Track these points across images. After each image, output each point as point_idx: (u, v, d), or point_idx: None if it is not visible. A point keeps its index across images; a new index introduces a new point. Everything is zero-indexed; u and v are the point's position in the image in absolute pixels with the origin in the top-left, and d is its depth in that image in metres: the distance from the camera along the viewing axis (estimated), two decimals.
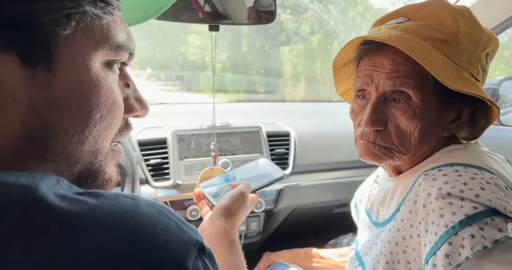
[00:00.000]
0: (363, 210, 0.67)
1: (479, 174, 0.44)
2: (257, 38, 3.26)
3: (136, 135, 1.01)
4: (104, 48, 0.28)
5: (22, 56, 0.24)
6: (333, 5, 1.84)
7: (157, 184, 0.97)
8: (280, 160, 1.12)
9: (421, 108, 0.49)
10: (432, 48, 0.47)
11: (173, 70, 3.08)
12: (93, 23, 0.28)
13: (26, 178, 0.23)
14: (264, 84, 2.89)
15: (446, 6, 0.49)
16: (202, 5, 0.80)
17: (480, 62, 0.50)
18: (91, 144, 0.29)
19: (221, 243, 0.50)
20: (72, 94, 0.27)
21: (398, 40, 0.46)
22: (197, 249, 0.25)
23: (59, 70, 0.26)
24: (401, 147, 0.51)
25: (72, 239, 0.21)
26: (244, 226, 1.10)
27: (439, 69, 0.45)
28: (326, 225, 1.39)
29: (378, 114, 0.51)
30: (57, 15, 0.25)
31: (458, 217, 0.41)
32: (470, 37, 0.49)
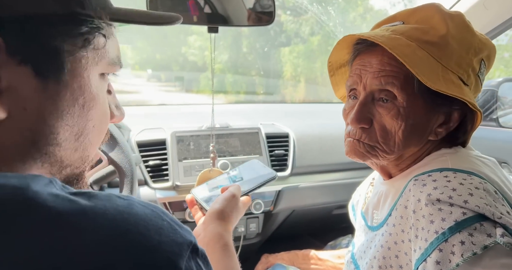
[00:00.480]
0: (359, 213, 0.67)
1: (468, 179, 0.45)
2: (257, 39, 3.26)
3: (135, 136, 1.01)
4: (103, 63, 0.31)
5: (37, 69, 0.26)
6: (333, 7, 1.84)
7: (156, 185, 0.97)
8: (279, 161, 1.12)
9: (405, 108, 0.49)
10: (418, 49, 0.48)
11: (173, 71, 3.08)
12: (99, 40, 0.30)
13: (17, 179, 0.23)
14: (264, 85, 2.89)
15: (438, 10, 0.50)
16: (202, 7, 0.81)
17: (471, 67, 0.50)
18: (83, 151, 0.32)
19: (216, 247, 0.50)
20: (75, 105, 0.29)
21: (384, 39, 0.47)
22: (190, 250, 0.25)
23: (68, 83, 0.28)
24: (385, 145, 0.52)
25: (63, 240, 0.21)
26: (243, 227, 1.10)
27: (421, 68, 0.45)
28: (325, 226, 1.39)
29: (364, 113, 0.52)
30: (77, 39, 0.28)
31: (448, 223, 0.41)
32: (460, 41, 0.49)
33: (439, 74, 0.47)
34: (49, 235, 0.21)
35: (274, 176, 0.68)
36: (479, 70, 0.51)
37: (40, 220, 0.21)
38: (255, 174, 0.68)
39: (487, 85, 1.19)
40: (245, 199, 0.62)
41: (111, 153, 0.70)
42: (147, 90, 2.92)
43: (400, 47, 0.46)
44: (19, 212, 0.21)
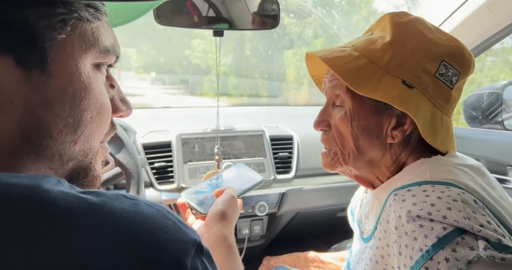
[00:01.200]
0: (356, 219, 0.67)
1: (446, 191, 0.45)
2: (260, 42, 3.27)
3: (141, 138, 1.02)
4: (94, 51, 0.30)
5: (18, 59, 0.25)
6: (336, 10, 1.85)
7: (162, 187, 0.97)
8: (284, 163, 1.12)
9: (351, 110, 0.53)
10: (360, 58, 0.52)
11: (177, 74, 3.10)
12: (84, 27, 0.29)
13: (28, 179, 0.23)
14: (267, 88, 2.90)
15: (390, 20, 0.54)
16: (207, 10, 0.82)
17: (421, 69, 0.50)
18: (83, 143, 0.31)
19: (220, 248, 0.50)
20: (65, 95, 0.28)
21: (327, 53, 0.53)
22: (195, 248, 0.25)
23: (53, 72, 0.27)
24: (343, 148, 0.55)
25: (73, 237, 0.22)
26: (248, 230, 1.10)
27: (351, 75, 0.50)
28: (329, 228, 1.39)
29: (323, 116, 0.58)
30: (52, 20, 0.26)
31: (431, 240, 0.41)
32: (404, 45, 0.51)
33: (375, 79, 0.50)
34: (59, 232, 0.22)
35: (261, 180, 0.69)
36: (437, 72, 0.51)
37: (51, 217, 0.22)
38: (243, 177, 0.69)
39: (492, 88, 1.19)
40: (239, 201, 0.62)
41: (118, 154, 0.70)
42: (151, 93, 2.94)
43: (336, 59, 0.51)
44: (30, 210, 0.22)
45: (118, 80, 0.36)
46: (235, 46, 3.19)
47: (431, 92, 0.50)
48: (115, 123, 0.37)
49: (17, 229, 0.21)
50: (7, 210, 0.22)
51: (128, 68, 2.96)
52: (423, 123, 0.49)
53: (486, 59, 2.80)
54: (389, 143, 0.53)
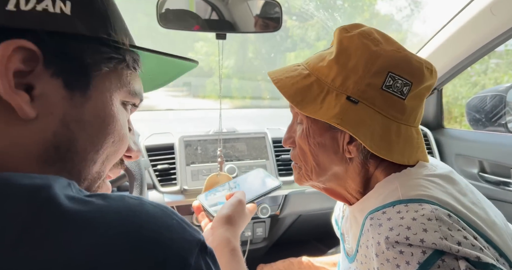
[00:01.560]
0: (339, 234, 0.67)
1: (419, 210, 0.44)
2: (263, 44, 3.28)
3: (144, 140, 1.03)
4: (125, 91, 0.35)
5: (66, 82, 0.29)
6: (339, 13, 1.85)
7: (164, 189, 0.98)
8: (286, 165, 1.12)
9: (307, 128, 0.54)
10: (308, 76, 0.52)
11: (180, 76, 3.11)
12: (123, 70, 0.34)
13: (40, 180, 0.24)
14: (270, 90, 2.91)
15: (338, 35, 0.53)
16: (210, 13, 0.82)
17: (365, 84, 0.49)
18: (99, 165, 0.33)
19: (224, 251, 0.51)
20: (97, 118, 0.32)
21: (281, 72, 0.54)
22: (199, 248, 0.26)
23: (92, 97, 0.31)
24: (306, 164, 0.56)
25: (80, 236, 0.22)
26: (250, 232, 1.10)
27: (297, 95, 0.51)
28: (331, 231, 1.38)
29: (289, 133, 0.59)
30: (102, 56, 0.31)
31: (413, 266, 0.41)
32: (347, 61, 0.50)
33: (320, 98, 0.50)
34: (65, 232, 0.22)
35: (278, 185, 0.69)
36: (383, 84, 0.49)
37: (58, 218, 0.23)
38: (260, 182, 0.70)
39: (495, 91, 1.18)
40: (250, 206, 0.63)
41: None
42: (155, 95, 2.95)
43: (286, 79, 0.53)
44: (38, 210, 0.23)
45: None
46: (238, 48, 3.20)
47: (380, 105, 0.49)
48: (123, 161, 0.40)
49: (24, 229, 0.22)
50: (15, 210, 0.22)
51: None
52: (369, 139, 0.48)
53: (490, 61, 2.79)
54: (349, 157, 0.53)
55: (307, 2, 1.65)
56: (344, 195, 0.58)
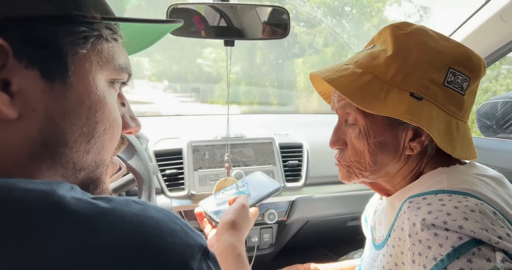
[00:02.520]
0: (369, 226, 0.67)
1: (463, 201, 0.44)
2: (270, 50, 3.30)
3: (153, 145, 1.04)
4: (109, 68, 0.32)
5: (43, 71, 0.28)
6: (347, 19, 1.86)
7: (172, 194, 0.98)
8: (293, 171, 1.12)
9: (365, 128, 0.52)
10: (364, 74, 0.51)
11: (189, 82, 3.15)
12: (102, 46, 0.31)
13: (44, 185, 0.25)
14: (277, 96, 2.92)
15: (391, 32, 0.53)
16: (218, 20, 0.84)
17: (428, 79, 0.49)
18: (95, 154, 0.32)
19: (229, 257, 0.51)
20: (82, 106, 0.30)
21: (331, 73, 0.53)
22: (201, 252, 0.26)
23: (73, 85, 0.29)
24: (358, 164, 0.55)
25: (84, 240, 0.23)
26: (257, 238, 1.10)
27: (357, 93, 0.49)
28: (340, 238, 1.37)
29: (338, 135, 0.57)
30: (76, 37, 0.29)
31: (445, 249, 0.40)
32: (408, 58, 0.50)
33: (382, 95, 0.49)
34: (71, 235, 0.23)
35: (279, 187, 0.69)
36: (445, 80, 0.50)
37: (64, 221, 0.23)
38: (261, 185, 0.70)
39: (507, 97, 1.17)
40: (253, 210, 0.63)
41: (130, 160, 0.72)
42: (163, 101, 2.99)
43: (340, 78, 0.51)
44: (45, 213, 0.23)
45: (131, 88, 0.38)
46: (245, 54, 3.22)
47: (442, 101, 0.50)
48: (124, 138, 0.39)
49: (32, 232, 0.22)
50: (24, 213, 0.23)
51: (141, 77, 3.02)
52: (438, 134, 0.48)
53: (501, 67, 2.75)
54: (407, 154, 0.52)
55: (315, 9, 1.67)
56: (387, 189, 0.58)
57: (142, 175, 0.72)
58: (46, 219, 0.23)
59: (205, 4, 0.80)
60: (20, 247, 0.21)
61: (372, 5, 3.23)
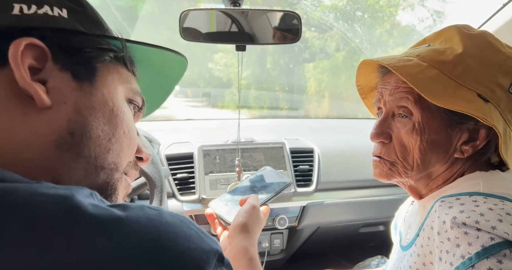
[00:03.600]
0: (398, 231, 0.66)
1: (499, 204, 0.43)
2: (281, 55, 3.31)
3: (165, 149, 1.05)
4: (126, 87, 0.37)
5: (74, 73, 0.32)
6: (359, 23, 1.85)
7: (183, 198, 0.99)
8: (304, 176, 1.11)
9: (421, 123, 0.50)
10: (429, 68, 0.49)
11: (200, 87, 3.18)
12: (122, 70, 0.37)
13: (63, 190, 0.26)
14: (288, 101, 2.91)
15: (458, 32, 0.52)
16: (229, 26, 0.84)
17: (495, 84, 0.49)
18: (115, 155, 0.35)
19: (241, 261, 0.50)
20: (106, 107, 0.34)
21: (394, 61, 0.50)
22: (216, 258, 0.26)
23: (99, 86, 0.34)
24: (404, 161, 0.53)
25: (101, 243, 0.23)
26: (268, 243, 1.09)
27: (426, 85, 0.47)
28: (351, 244, 1.35)
29: (383, 128, 0.54)
30: (102, 48, 0.35)
31: (475, 248, 0.40)
32: (480, 58, 0.49)
33: (450, 91, 0.48)
34: (88, 238, 0.23)
35: (288, 182, 0.67)
36: (510, 87, 0.49)
37: (81, 226, 0.24)
38: (270, 182, 0.68)
39: None
40: (264, 209, 0.62)
41: None
42: (175, 106, 3.02)
43: (406, 67, 0.49)
44: (64, 218, 0.24)
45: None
46: (256, 59, 3.24)
47: (503, 108, 0.49)
48: (137, 164, 0.41)
49: (51, 235, 0.23)
50: (43, 218, 0.23)
51: None
52: (504, 139, 0.47)
53: None
54: (455, 157, 0.51)
55: (327, 14, 1.67)
56: (422, 192, 0.57)
57: (154, 179, 0.72)
58: (65, 223, 0.23)
59: (216, 9, 0.81)
60: (39, 250, 0.22)
61: (384, 9, 3.21)
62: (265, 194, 0.65)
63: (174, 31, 0.82)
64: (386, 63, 0.50)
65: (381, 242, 1.28)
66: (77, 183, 0.32)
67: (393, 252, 0.64)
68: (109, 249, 0.23)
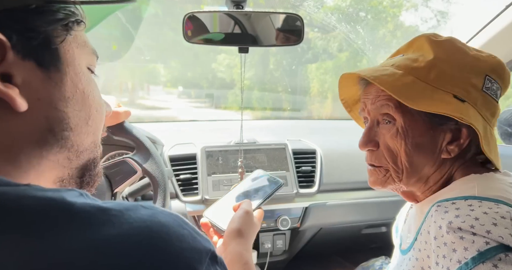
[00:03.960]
0: (399, 235, 0.66)
1: (494, 207, 0.43)
2: (284, 56, 3.31)
3: (168, 150, 1.06)
4: (85, 53, 0.34)
5: (38, 61, 0.29)
6: (361, 24, 1.85)
7: (186, 199, 0.99)
8: (306, 177, 1.11)
9: (404, 127, 0.52)
10: (405, 75, 0.52)
11: (203, 88, 3.19)
12: (77, 32, 0.33)
13: (52, 192, 0.26)
14: (290, 102, 2.91)
15: (427, 40, 0.54)
16: (232, 28, 0.85)
17: (470, 84, 0.51)
18: (93, 135, 0.35)
19: (237, 266, 0.51)
20: (77, 91, 0.32)
21: (371, 72, 0.52)
22: (209, 257, 0.26)
23: (66, 71, 0.31)
24: (394, 165, 0.54)
25: (93, 245, 0.23)
26: (270, 244, 1.09)
27: (403, 91, 0.49)
28: (354, 246, 1.35)
29: (370, 136, 0.57)
30: (59, 23, 0.31)
31: (471, 253, 0.40)
32: (450, 62, 0.52)
33: (427, 95, 0.50)
34: (81, 241, 0.23)
35: (280, 184, 0.68)
36: (483, 86, 0.51)
37: (74, 227, 0.24)
38: (262, 185, 0.68)
39: None
40: (258, 213, 0.62)
41: (145, 164, 0.73)
42: (178, 107, 3.03)
43: (383, 76, 0.51)
44: (56, 220, 0.24)
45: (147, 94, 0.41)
46: (259, 60, 3.24)
47: (480, 106, 0.51)
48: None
49: (47, 236, 0.23)
50: (35, 220, 0.24)
51: (156, 83, 3.09)
52: (484, 136, 0.48)
53: None
54: (443, 158, 0.52)
55: (329, 15, 1.67)
56: (417, 195, 0.58)
57: (157, 178, 0.72)
58: (57, 225, 0.23)
59: (220, 12, 0.81)
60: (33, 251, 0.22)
61: (387, 10, 3.21)
62: (258, 198, 0.65)
63: (177, 32, 0.82)
64: (363, 74, 0.52)
65: (383, 243, 1.28)
66: (61, 172, 0.32)
67: (394, 256, 0.65)
68: (101, 251, 0.23)
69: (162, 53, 2.48)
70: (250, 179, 0.72)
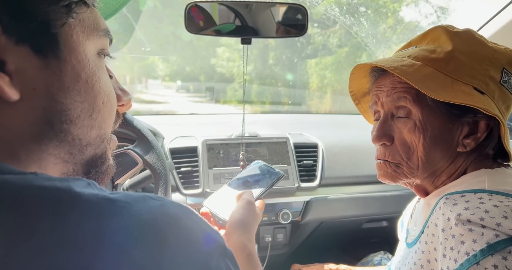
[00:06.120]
0: (405, 229, 0.66)
1: (505, 201, 0.43)
2: (283, 51, 3.30)
3: (169, 143, 1.05)
4: (94, 37, 0.31)
5: (34, 47, 0.27)
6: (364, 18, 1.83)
7: (187, 192, 0.99)
8: (308, 171, 1.11)
9: (421, 121, 0.51)
10: (424, 66, 0.50)
11: (201, 82, 3.18)
12: (84, 14, 0.30)
13: (60, 182, 0.24)
14: (290, 96, 2.91)
15: (444, 31, 0.53)
16: (233, 19, 0.84)
17: (488, 77, 0.50)
18: (98, 128, 0.32)
19: (240, 257, 0.50)
20: (79, 81, 0.29)
21: (389, 62, 0.51)
22: (219, 251, 0.26)
23: (66, 58, 0.29)
24: (409, 161, 0.53)
25: (102, 238, 0.22)
26: (270, 237, 1.09)
27: (424, 82, 0.48)
28: (354, 240, 1.35)
29: (384, 130, 0.54)
30: (59, 5, 0.28)
31: (479, 245, 0.40)
32: (469, 54, 0.51)
33: (448, 86, 0.49)
34: (88, 234, 0.22)
35: (281, 174, 0.67)
36: (501, 79, 0.51)
37: (82, 220, 0.23)
38: (263, 176, 0.67)
39: None
40: (259, 203, 0.62)
41: (146, 156, 0.72)
42: (177, 101, 3.01)
43: (402, 67, 0.49)
44: (64, 210, 0.23)
45: (145, 88, 0.38)
46: (258, 55, 3.23)
47: (497, 99, 0.50)
48: (119, 113, 0.38)
49: (54, 227, 0.22)
50: (43, 210, 0.23)
51: (155, 77, 3.06)
52: (504, 128, 0.48)
53: None
54: (458, 152, 0.52)
55: (329, 10, 1.65)
56: (428, 189, 0.57)
57: (159, 170, 0.72)
58: (65, 215, 0.23)
59: (223, 1, 0.80)
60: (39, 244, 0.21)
61: (388, 5, 3.19)
62: (259, 188, 0.64)
63: (176, 26, 0.81)
64: (381, 64, 0.50)
65: (384, 237, 1.28)
66: (65, 168, 0.31)
67: (399, 249, 0.65)
68: (110, 243, 0.22)
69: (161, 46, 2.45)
70: (250, 169, 0.71)
